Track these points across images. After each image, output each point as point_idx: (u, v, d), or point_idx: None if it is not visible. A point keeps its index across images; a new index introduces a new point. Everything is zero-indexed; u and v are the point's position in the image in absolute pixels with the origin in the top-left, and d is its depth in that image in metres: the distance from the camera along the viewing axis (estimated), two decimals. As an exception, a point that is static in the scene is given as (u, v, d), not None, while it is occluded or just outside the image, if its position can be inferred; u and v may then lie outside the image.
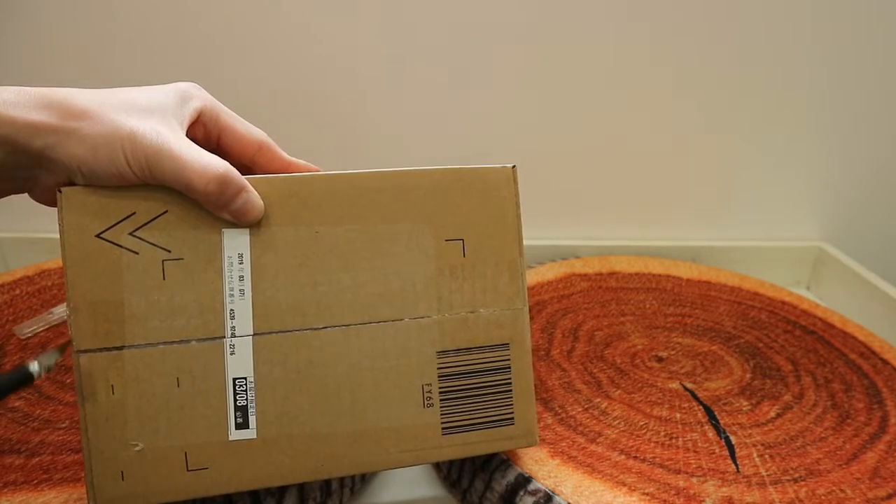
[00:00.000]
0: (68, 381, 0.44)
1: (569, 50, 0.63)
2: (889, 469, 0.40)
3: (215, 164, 0.30)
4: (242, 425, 0.31)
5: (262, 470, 0.32)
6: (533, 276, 0.62)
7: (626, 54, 0.63)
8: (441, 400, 0.33)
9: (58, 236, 0.30)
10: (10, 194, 0.31)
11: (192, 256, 0.31)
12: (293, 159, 0.36)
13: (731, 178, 0.70)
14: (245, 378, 0.31)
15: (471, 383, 0.34)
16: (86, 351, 0.30)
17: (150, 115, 0.30)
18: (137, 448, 0.31)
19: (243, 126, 0.35)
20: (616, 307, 0.58)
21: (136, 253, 0.31)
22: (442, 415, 0.33)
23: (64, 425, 0.40)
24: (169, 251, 0.31)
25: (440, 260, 0.33)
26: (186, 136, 0.31)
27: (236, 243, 0.31)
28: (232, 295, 0.31)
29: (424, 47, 0.62)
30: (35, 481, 0.35)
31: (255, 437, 0.32)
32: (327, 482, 0.38)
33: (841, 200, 0.72)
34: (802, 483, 0.39)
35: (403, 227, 0.33)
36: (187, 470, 0.31)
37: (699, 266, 0.67)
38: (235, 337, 0.31)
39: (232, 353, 0.31)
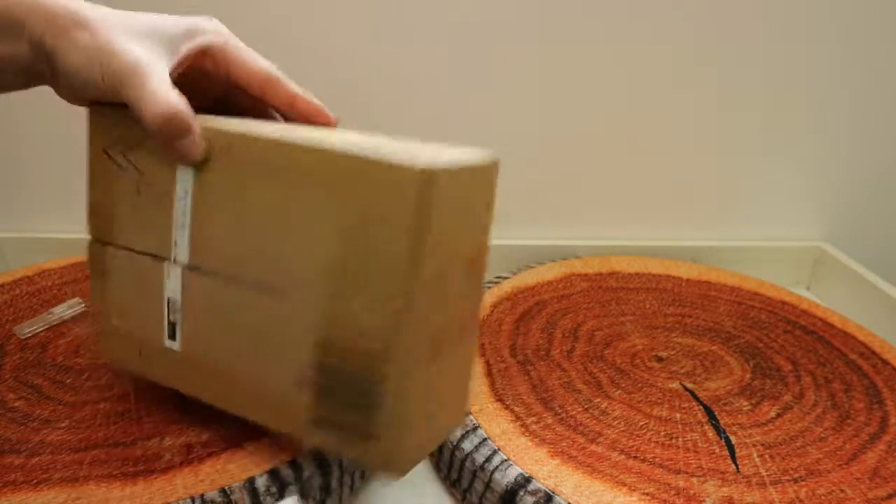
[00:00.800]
0: (68, 381, 0.44)
1: (569, 49, 0.63)
2: (889, 469, 0.40)
3: (167, 103, 0.31)
4: (171, 337, 0.36)
5: (183, 378, 0.37)
6: (533, 276, 0.62)
7: (626, 54, 0.63)
8: (314, 388, 0.32)
9: (57, 236, 0.32)
10: (39, 85, 0.34)
11: (157, 182, 0.35)
12: (299, 93, 0.36)
13: (731, 178, 0.70)
14: (175, 300, 0.36)
15: (341, 384, 0.31)
16: (94, 240, 0.38)
17: (141, 40, 0.32)
18: (115, 323, 0.38)
19: (251, 59, 0.36)
20: (616, 307, 0.58)
21: (124, 169, 0.35)
22: (314, 402, 0.32)
23: (64, 425, 0.40)
24: (143, 174, 0.35)
25: (340, 248, 0.30)
26: (194, 66, 0.34)
27: (185, 179, 0.34)
28: (178, 225, 0.35)
29: (424, 45, 0.62)
30: (35, 481, 0.35)
31: (178, 349, 0.36)
32: (327, 482, 0.38)
33: (841, 201, 0.72)
34: (802, 483, 0.39)
35: (314, 208, 0.31)
36: (139, 355, 0.38)
37: (699, 266, 0.67)
38: (174, 263, 0.35)
39: (168, 277, 0.35)
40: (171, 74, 0.32)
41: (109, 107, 0.33)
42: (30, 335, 0.49)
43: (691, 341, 0.54)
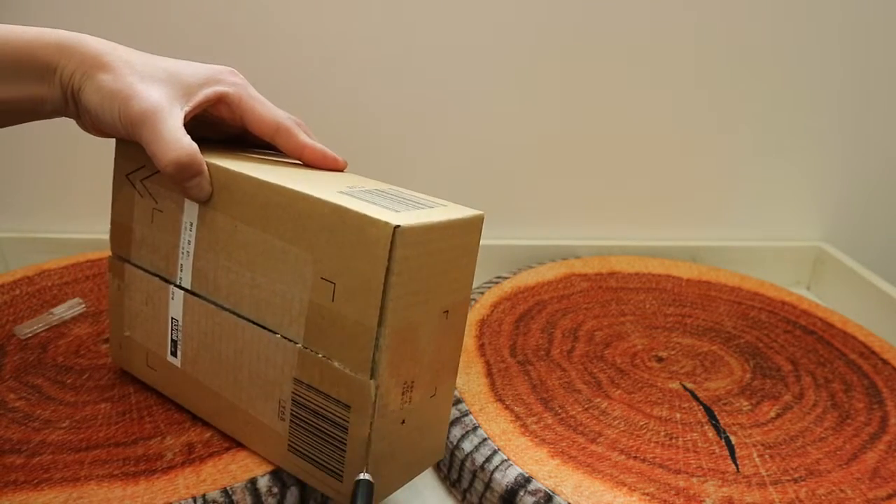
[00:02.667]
0: (69, 381, 0.44)
1: (570, 49, 0.63)
2: (889, 469, 0.40)
3: (180, 148, 0.33)
4: (174, 354, 0.39)
5: (182, 392, 0.40)
6: (533, 276, 0.62)
7: (626, 54, 0.63)
8: (291, 420, 0.34)
9: (57, 236, 0.33)
10: (62, 116, 0.36)
11: (168, 211, 0.37)
12: (307, 143, 0.39)
13: (731, 178, 0.70)
14: (178, 321, 0.38)
15: (314, 422, 0.33)
16: (115, 255, 0.41)
17: (161, 85, 0.34)
18: (126, 334, 0.42)
19: (264, 109, 0.38)
20: (616, 307, 0.58)
21: (142, 196, 0.38)
22: (290, 433, 0.34)
23: (64, 425, 0.40)
24: (156, 201, 0.38)
25: (314, 294, 0.32)
26: (211, 110, 0.37)
27: (190, 212, 0.36)
28: (183, 252, 0.37)
29: (423, 47, 0.62)
30: (36, 481, 0.35)
31: (179, 366, 0.39)
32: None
33: (841, 200, 0.72)
34: (802, 483, 0.39)
35: (292, 251, 0.33)
36: (146, 365, 0.41)
37: (699, 266, 0.67)
38: (178, 287, 0.38)
39: (172, 298, 0.38)
40: (186, 117, 0.34)
41: None
42: (30, 335, 0.49)
43: (691, 341, 0.54)
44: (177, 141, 0.33)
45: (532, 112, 0.65)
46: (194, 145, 0.33)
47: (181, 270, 0.38)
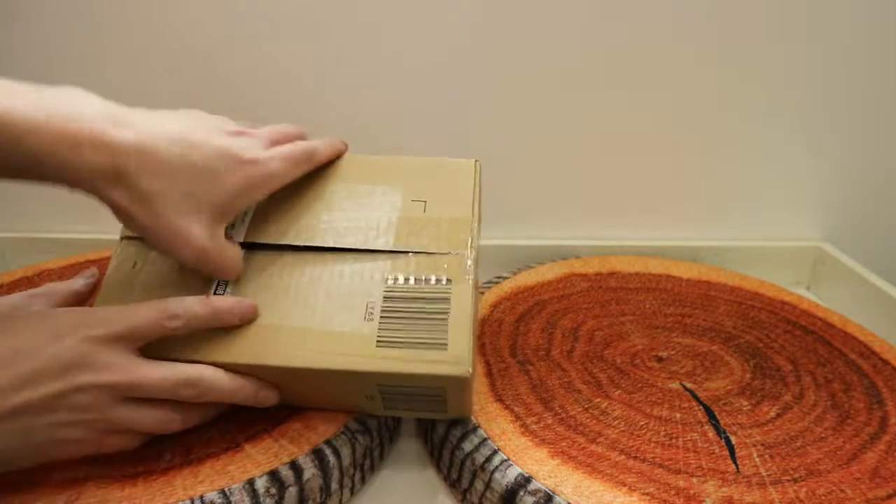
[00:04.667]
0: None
1: (568, 49, 0.63)
2: (889, 469, 0.40)
3: (235, 271, 0.39)
4: None
5: (220, 348, 0.37)
6: (533, 276, 0.62)
7: (625, 54, 0.63)
8: (381, 316, 0.38)
9: (57, 236, 0.33)
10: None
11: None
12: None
13: (732, 178, 0.70)
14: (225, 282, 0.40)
15: (411, 307, 0.38)
16: (127, 237, 0.42)
17: (197, 218, 0.35)
18: None
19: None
20: (616, 307, 0.58)
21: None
22: (380, 329, 0.37)
23: (63, 425, 0.39)
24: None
25: (403, 212, 0.42)
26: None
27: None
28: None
29: (423, 47, 0.62)
30: (34, 482, 0.35)
31: None
32: (327, 483, 0.38)
33: (841, 200, 0.72)
34: (802, 483, 0.39)
35: (380, 188, 0.43)
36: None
37: (699, 266, 0.67)
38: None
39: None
40: (226, 229, 0.38)
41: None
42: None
43: (691, 341, 0.54)
44: (234, 266, 0.39)
45: (532, 112, 0.65)
46: (239, 261, 0.39)
47: (230, 228, 0.41)
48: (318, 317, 0.38)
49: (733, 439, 0.42)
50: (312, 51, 0.62)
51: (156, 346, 0.36)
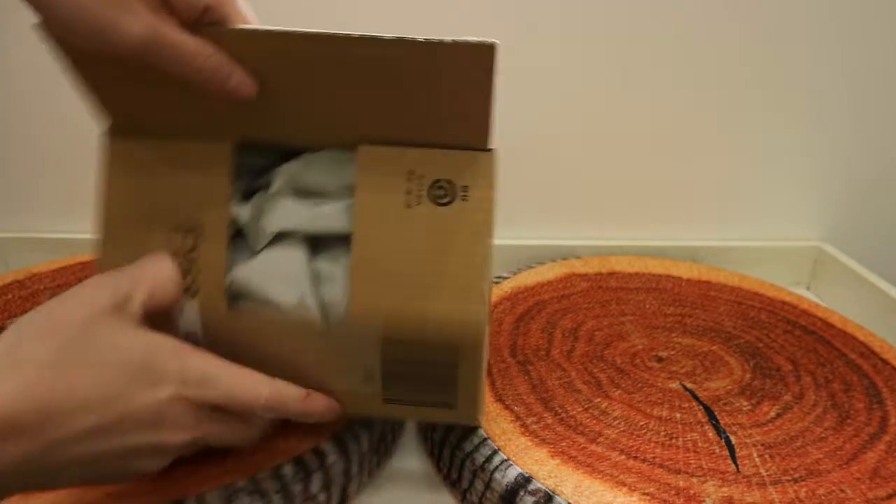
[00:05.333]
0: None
1: (568, 48, 0.63)
2: (889, 469, 0.40)
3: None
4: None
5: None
6: (533, 277, 0.62)
7: (626, 53, 0.63)
8: (384, 376, 0.36)
9: (57, 236, 0.32)
10: None
11: None
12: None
13: (731, 178, 0.70)
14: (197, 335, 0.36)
15: (413, 371, 0.36)
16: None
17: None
18: None
19: None
20: (616, 307, 0.58)
21: None
22: (384, 389, 0.36)
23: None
24: None
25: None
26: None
27: None
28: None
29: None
30: (35, 481, 0.35)
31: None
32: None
33: (841, 200, 0.72)
34: (802, 483, 0.39)
35: None
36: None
37: (699, 266, 0.67)
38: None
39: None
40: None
41: None
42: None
43: (691, 341, 0.54)
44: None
45: (531, 111, 0.65)
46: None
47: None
48: (314, 378, 0.36)
49: (733, 439, 0.42)
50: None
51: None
